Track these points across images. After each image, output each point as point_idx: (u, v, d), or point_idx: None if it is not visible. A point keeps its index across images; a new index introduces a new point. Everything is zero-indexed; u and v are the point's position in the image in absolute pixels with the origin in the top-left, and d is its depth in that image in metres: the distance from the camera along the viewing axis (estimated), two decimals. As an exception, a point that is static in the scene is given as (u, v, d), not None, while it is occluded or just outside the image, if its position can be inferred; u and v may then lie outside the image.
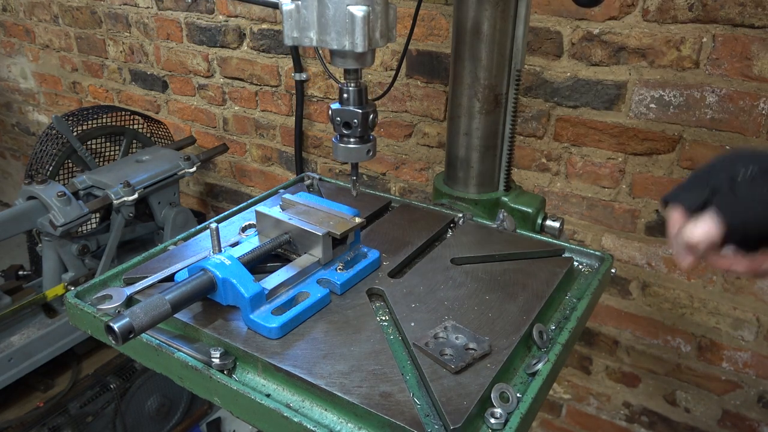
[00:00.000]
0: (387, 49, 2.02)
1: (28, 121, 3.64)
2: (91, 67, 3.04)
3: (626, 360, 1.94)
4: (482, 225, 1.29)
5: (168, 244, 1.22)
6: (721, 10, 1.44)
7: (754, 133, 1.50)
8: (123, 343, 0.80)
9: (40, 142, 2.24)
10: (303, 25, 0.91)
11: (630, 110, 1.64)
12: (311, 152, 2.41)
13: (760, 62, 1.43)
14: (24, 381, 2.00)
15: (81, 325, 1.05)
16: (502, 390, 0.83)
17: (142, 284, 1.04)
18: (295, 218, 1.08)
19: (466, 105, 1.31)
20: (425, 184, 2.15)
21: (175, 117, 2.81)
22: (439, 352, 0.87)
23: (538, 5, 1.66)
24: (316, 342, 0.91)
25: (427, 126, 2.04)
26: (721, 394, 1.81)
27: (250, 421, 0.86)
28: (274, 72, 2.34)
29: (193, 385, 0.92)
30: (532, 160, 1.86)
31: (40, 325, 2.04)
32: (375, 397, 0.80)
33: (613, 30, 1.59)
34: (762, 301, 1.64)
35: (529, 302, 1.00)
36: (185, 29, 2.53)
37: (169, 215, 2.28)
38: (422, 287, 1.04)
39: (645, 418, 1.99)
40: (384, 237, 1.21)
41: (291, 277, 1.00)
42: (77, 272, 2.07)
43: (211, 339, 0.93)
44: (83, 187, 2.12)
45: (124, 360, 2.21)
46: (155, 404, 2.35)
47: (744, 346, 1.72)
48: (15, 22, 3.27)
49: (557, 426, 2.21)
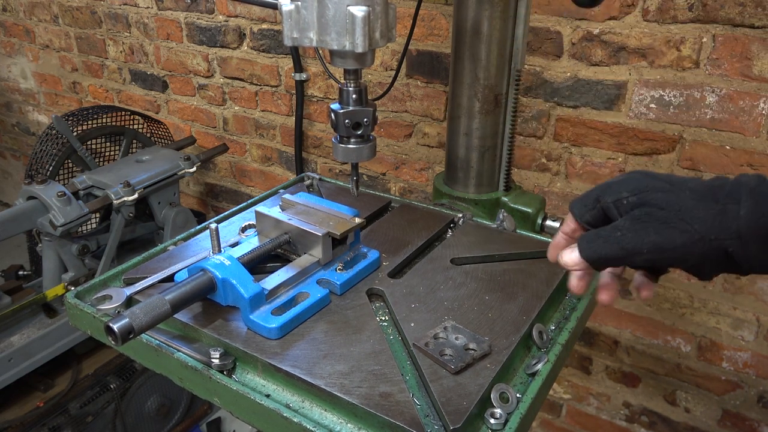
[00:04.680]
0: (387, 49, 2.02)
1: (28, 121, 3.64)
2: (91, 67, 3.04)
3: (626, 360, 1.94)
4: (482, 225, 1.29)
5: (168, 244, 1.22)
6: (721, 10, 1.43)
7: (754, 133, 1.50)
8: (123, 344, 0.80)
9: (40, 142, 2.24)
10: (303, 26, 0.91)
11: (630, 110, 1.64)
12: (311, 152, 2.41)
13: (760, 62, 1.43)
14: (24, 381, 2.00)
15: (81, 325, 1.05)
16: (502, 390, 0.83)
17: (142, 284, 1.04)
18: (294, 218, 1.08)
19: (466, 105, 1.31)
20: (425, 184, 2.15)
21: (175, 117, 2.81)
22: (439, 353, 0.87)
23: (538, 5, 1.66)
24: (315, 342, 0.91)
25: (427, 126, 2.04)
26: (721, 394, 1.81)
27: (250, 422, 0.86)
28: (274, 72, 2.34)
29: (193, 386, 0.92)
30: (532, 160, 1.86)
31: (40, 325, 2.04)
32: (375, 398, 0.80)
33: (613, 30, 1.58)
34: (762, 301, 1.64)
35: (528, 302, 1.00)
36: (185, 29, 2.53)
37: (169, 215, 2.27)
38: (422, 287, 1.04)
39: (645, 418, 1.99)
40: (384, 237, 1.21)
41: (291, 277, 1.00)
42: (77, 272, 2.07)
43: (211, 339, 0.93)
44: (83, 187, 2.12)
45: (124, 360, 2.21)
46: (155, 404, 2.35)
47: (744, 346, 1.72)
48: (15, 22, 3.27)
49: (557, 426, 2.21)
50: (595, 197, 0.75)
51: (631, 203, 0.70)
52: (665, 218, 0.67)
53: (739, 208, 0.64)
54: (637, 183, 0.71)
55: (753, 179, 0.66)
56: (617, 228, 0.70)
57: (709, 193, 0.67)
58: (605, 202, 0.73)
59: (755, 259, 0.65)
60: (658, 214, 0.68)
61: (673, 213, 0.67)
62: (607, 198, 0.73)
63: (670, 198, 0.68)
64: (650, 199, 0.69)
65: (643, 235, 0.68)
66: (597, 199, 0.74)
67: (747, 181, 0.66)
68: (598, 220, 0.75)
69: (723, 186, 0.67)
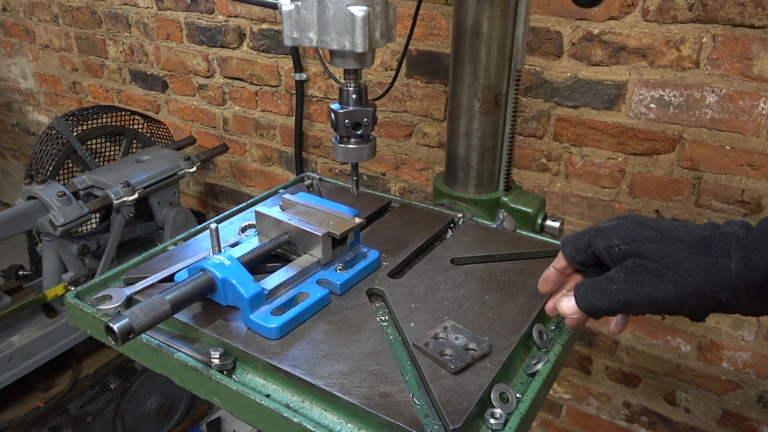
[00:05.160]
0: (387, 49, 2.02)
1: (28, 121, 3.64)
2: (91, 67, 3.04)
3: (626, 360, 1.94)
4: (482, 225, 1.29)
5: (168, 244, 1.22)
6: (721, 10, 1.43)
7: (754, 133, 1.50)
8: (122, 344, 0.80)
9: (40, 142, 2.24)
10: (303, 26, 0.91)
11: (630, 110, 1.64)
12: (311, 152, 2.41)
13: (760, 62, 1.43)
14: (24, 381, 2.00)
15: (81, 325, 1.05)
16: (502, 390, 0.83)
17: (142, 284, 1.04)
18: (294, 218, 1.08)
19: (466, 105, 1.31)
20: (425, 184, 2.15)
21: (175, 117, 2.81)
22: (439, 353, 0.87)
23: (538, 5, 1.66)
24: (315, 342, 0.91)
25: (427, 126, 2.04)
26: (721, 394, 1.81)
27: (249, 422, 0.86)
28: (274, 72, 2.34)
29: (193, 386, 0.92)
30: (532, 160, 1.86)
31: (40, 325, 2.04)
32: (375, 398, 0.80)
33: (613, 30, 1.58)
34: (762, 301, 1.64)
35: (529, 302, 1.00)
36: (185, 29, 2.53)
37: (169, 215, 2.27)
38: (422, 287, 1.04)
39: (645, 418, 1.99)
40: (384, 237, 1.21)
41: (291, 277, 1.00)
42: (77, 272, 2.07)
43: (211, 339, 0.93)
44: (83, 187, 2.12)
45: (124, 360, 2.21)
46: (155, 404, 2.35)
47: (744, 346, 1.72)
48: (15, 22, 3.27)
49: (557, 426, 2.21)
50: (587, 242, 0.77)
51: (623, 252, 0.73)
52: (659, 271, 0.69)
53: (729, 261, 0.67)
54: (628, 232, 0.73)
55: (740, 229, 0.68)
56: (612, 280, 0.72)
57: (700, 245, 0.69)
58: (597, 248, 0.75)
59: (747, 306, 0.68)
60: (651, 266, 0.70)
61: (666, 266, 0.69)
62: (599, 245, 0.75)
63: (662, 249, 0.70)
64: (643, 250, 0.71)
65: (638, 288, 0.70)
66: (588, 244, 0.76)
67: (735, 231, 0.68)
68: (589, 262, 0.78)
69: (712, 238, 0.69)
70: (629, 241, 0.72)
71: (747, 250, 0.66)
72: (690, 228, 0.72)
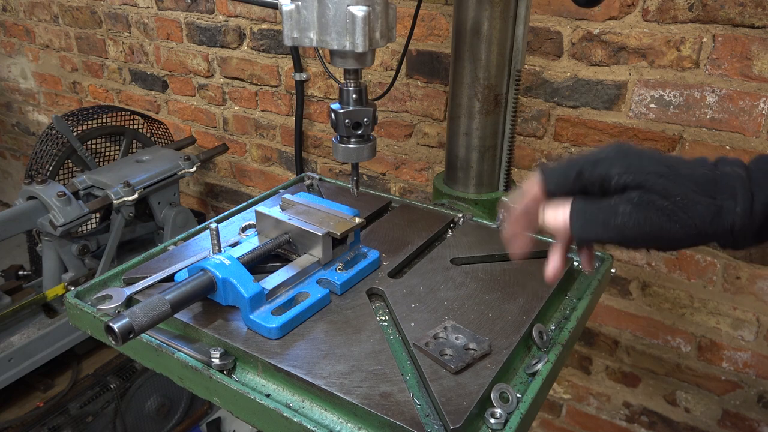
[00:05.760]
0: (387, 49, 2.02)
1: (28, 121, 3.64)
2: (91, 67, 3.04)
3: (626, 360, 1.94)
4: (482, 225, 1.29)
5: (168, 244, 1.22)
6: (721, 10, 1.44)
7: (754, 133, 1.50)
8: (123, 344, 0.80)
9: (40, 142, 2.24)
10: (303, 26, 0.91)
11: (630, 110, 1.64)
12: (311, 152, 2.41)
13: (760, 62, 1.43)
14: (24, 381, 2.00)
15: (81, 325, 1.05)
16: (502, 390, 0.83)
17: (142, 284, 1.04)
18: (295, 218, 1.08)
19: (466, 105, 1.31)
20: (425, 184, 2.15)
21: (175, 117, 2.81)
22: (439, 352, 0.87)
23: (538, 5, 1.66)
24: (316, 342, 0.91)
25: (427, 126, 2.04)
26: (721, 394, 1.81)
27: (250, 422, 0.86)
28: (274, 72, 2.34)
29: (193, 385, 0.92)
30: (532, 160, 1.86)
31: (40, 325, 2.04)
32: (375, 398, 0.80)
33: (613, 30, 1.59)
34: (762, 301, 1.64)
35: (529, 302, 1.00)
36: (185, 29, 2.53)
37: (169, 215, 2.28)
38: (422, 287, 1.04)
39: (645, 418, 1.99)
40: (384, 237, 1.21)
41: (291, 277, 1.00)
42: (77, 272, 2.07)
43: (211, 339, 0.93)
44: (83, 187, 2.12)
45: (124, 360, 2.21)
46: (155, 404, 2.35)
47: (744, 346, 1.72)
48: (15, 22, 3.27)
49: (557, 426, 2.21)
50: (578, 170, 0.71)
51: (624, 182, 0.67)
52: (669, 210, 0.65)
53: (735, 204, 0.64)
54: (631, 161, 0.68)
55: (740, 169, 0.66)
56: (617, 213, 0.67)
57: (708, 186, 0.65)
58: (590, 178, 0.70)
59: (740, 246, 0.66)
60: (660, 203, 0.65)
61: (677, 206, 0.65)
62: (594, 175, 0.69)
63: (671, 187, 0.66)
64: (651, 184, 0.66)
65: (645, 226, 0.66)
66: (580, 173, 0.70)
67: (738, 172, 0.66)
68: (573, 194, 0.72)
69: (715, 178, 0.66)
70: (633, 171, 0.67)
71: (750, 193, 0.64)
72: (691, 165, 0.68)
